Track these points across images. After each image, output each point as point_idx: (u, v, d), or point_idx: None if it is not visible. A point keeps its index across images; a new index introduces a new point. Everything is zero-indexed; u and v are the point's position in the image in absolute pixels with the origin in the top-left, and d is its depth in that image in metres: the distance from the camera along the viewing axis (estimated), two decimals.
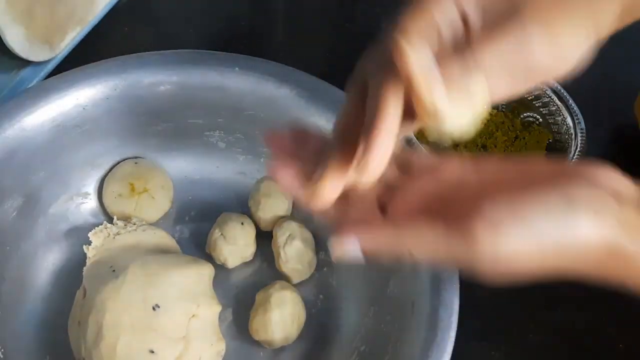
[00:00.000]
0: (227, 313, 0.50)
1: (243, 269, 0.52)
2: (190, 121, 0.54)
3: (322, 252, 0.52)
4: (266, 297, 0.47)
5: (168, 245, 0.50)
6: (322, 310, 0.50)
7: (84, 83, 0.50)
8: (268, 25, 0.70)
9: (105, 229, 0.49)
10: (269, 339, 0.46)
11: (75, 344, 0.45)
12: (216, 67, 0.52)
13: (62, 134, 0.50)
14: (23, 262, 0.50)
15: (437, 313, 0.40)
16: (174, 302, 0.44)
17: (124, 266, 0.45)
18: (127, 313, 0.43)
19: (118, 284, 0.44)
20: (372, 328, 0.46)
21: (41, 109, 0.49)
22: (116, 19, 0.67)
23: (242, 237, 0.50)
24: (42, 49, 0.59)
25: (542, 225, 0.27)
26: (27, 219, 0.50)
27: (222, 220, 0.51)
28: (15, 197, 0.49)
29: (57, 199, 0.52)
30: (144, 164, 0.54)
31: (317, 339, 0.48)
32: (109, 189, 0.53)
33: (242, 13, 0.71)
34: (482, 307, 0.51)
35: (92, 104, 0.50)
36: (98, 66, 0.51)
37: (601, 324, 0.51)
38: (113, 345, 0.42)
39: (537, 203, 0.27)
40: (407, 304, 0.43)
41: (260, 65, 0.51)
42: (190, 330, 0.44)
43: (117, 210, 0.52)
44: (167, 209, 0.54)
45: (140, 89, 0.51)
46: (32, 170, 0.50)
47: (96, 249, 0.48)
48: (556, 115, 0.56)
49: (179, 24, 0.70)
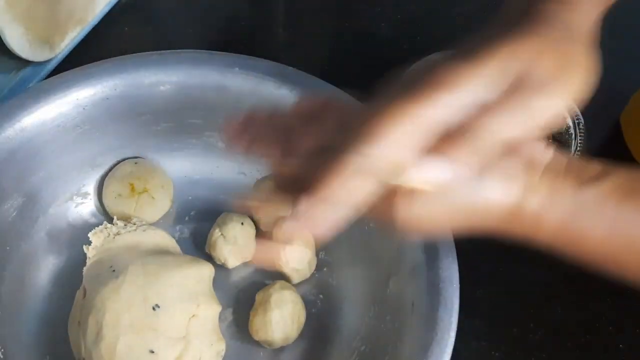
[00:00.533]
0: (227, 313, 0.50)
1: (243, 269, 0.52)
2: (190, 121, 0.53)
3: (322, 252, 0.52)
4: (266, 297, 0.47)
5: (168, 245, 0.50)
6: (322, 310, 0.50)
7: (84, 83, 0.50)
8: (268, 25, 0.70)
9: (105, 229, 0.49)
10: (269, 339, 0.46)
11: (75, 344, 0.45)
12: (216, 67, 0.52)
13: (62, 134, 0.50)
14: (23, 262, 0.50)
15: (437, 313, 0.40)
16: (174, 302, 0.44)
17: (124, 266, 0.45)
18: (127, 313, 0.43)
19: (118, 284, 0.44)
20: (372, 328, 0.46)
21: (41, 109, 0.49)
22: (116, 19, 0.67)
23: (242, 237, 0.50)
24: (42, 49, 0.59)
25: (456, 193, 0.30)
26: (27, 219, 0.50)
27: (222, 220, 0.51)
28: (15, 197, 0.49)
29: (57, 199, 0.52)
30: (144, 164, 0.54)
31: (317, 339, 0.48)
32: (109, 189, 0.53)
33: (242, 13, 0.71)
34: (482, 307, 0.51)
35: (92, 104, 0.50)
36: (98, 66, 0.51)
37: (601, 323, 0.51)
38: (113, 345, 0.42)
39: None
40: (407, 303, 0.43)
41: (260, 65, 0.51)
42: (190, 330, 0.44)
43: (117, 210, 0.52)
44: (167, 209, 0.54)
45: (141, 89, 0.51)
46: (32, 170, 0.50)
47: (96, 249, 0.48)
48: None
49: (179, 24, 0.70)
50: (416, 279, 0.43)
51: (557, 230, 0.32)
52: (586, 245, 0.32)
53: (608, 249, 0.32)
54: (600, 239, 0.31)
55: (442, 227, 0.32)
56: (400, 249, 0.45)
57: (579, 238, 0.32)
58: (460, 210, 0.31)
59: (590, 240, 0.32)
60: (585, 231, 0.31)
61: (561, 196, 0.31)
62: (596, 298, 0.52)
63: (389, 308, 0.45)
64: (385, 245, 0.47)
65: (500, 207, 0.31)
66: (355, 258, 0.50)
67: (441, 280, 0.42)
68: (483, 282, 0.51)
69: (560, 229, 0.32)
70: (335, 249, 0.52)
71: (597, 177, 0.31)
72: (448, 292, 0.41)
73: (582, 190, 0.31)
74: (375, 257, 0.48)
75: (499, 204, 0.31)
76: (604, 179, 0.31)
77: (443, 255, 0.43)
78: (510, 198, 0.31)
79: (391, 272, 0.46)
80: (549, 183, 0.31)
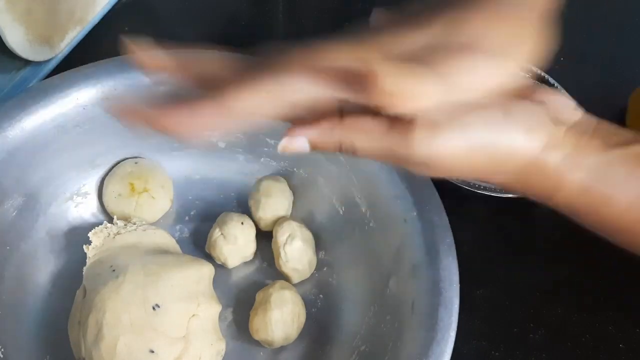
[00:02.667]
0: (227, 313, 0.50)
1: (243, 268, 0.52)
2: None
3: (322, 252, 0.52)
4: (266, 296, 0.47)
5: (168, 245, 0.50)
6: (322, 310, 0.50)
7: (84, 83, 0.50)
8: (268, 25, 0.70)
9: (105, 228, 0.49)
10: (269, 339, 0.46)
11: (75, 344, 0.45)
12: None
13: (62, 134, 0.50)
14: (23, 262, 0.50)
15: (437, 313, 0.40)
16: (174, 301, 0.44)
17: (124, 266, 0.45)
18: (127, 313, 0.43)
19: (118, 284, 0.44)
20: (372, 328, 0.46)
21: (41, 109, 0.49)
22: (116, 18, 0.67)
23: (243, 236, 0.50)
24: (42, 48, 0.59)
25: (478, 131, 0.29)
26: (27, 218, 0.50)
27: (222, 220, 0.51)
28: (15, 197, 0.49)
29: (57, 198, 0.52)
30: (144, 163, 0.54)
31: (317, 339, 0.48)
32: (109, 188, 0.53)
33: (242, 13, 0.71)
34: (482, 307, 0.51)
35: (92, 103, 0.50)
36: (98, 66, 0.51)
37: (602, 324, 0.50)
38: (113, 344, 0.42)
39: (477, 110, 0.29)
40: (407, 303, 0.43)
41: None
42: (191, 330, 0.44)
43: (117, 210, 0.52)
44: (167, 209, 0.54)
45: (141, 89, 0.51)
46: (32, 170, 0.50)
47: (96, 248, 0.48)
48: None
49: (179, 24, 0.70)
50: (416, 278, 0.43)
51: (579, 191, 0.30)
52: (609, 210, 0.30)
53: (632, 216, 0.30)
54: (625, 205, 0.30)
55: (461, 168, 0.30)
56: (400, 249, 0.45)
57: (601, 202, 0.30)
58: (480, 150, 0.29)
59: (614, 205, 0.30)
60: (609, 195, 0.30)
61: (586, 156, 0.30)
62: (596, 298, 0.52)
63: (389, 308, 0.45)
64: (385, 245, 0.47)
65: (521, 153, 0.30)
66: (355, 258, 0.50)
67: (441, 280, 0.42)
68: (483, 282, 0.51)
69: (583, 190, 0.30)
70: (335, 248, 0.52)
71: (626, 141, 0.30)
72: (448, 292, 0.41)
73: (609, 153, 0.30)
74: (375, 257, 0.48)
75: (521, 150, 0.29)
76: (633, 144, 0.30)
77: (443, 255, 0.43)
78: (533, 146, 0.29)
79: (391, 272, 0.46)
80: (575, 140, 0.30)
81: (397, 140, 0.29)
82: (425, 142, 0.29)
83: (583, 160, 0.30)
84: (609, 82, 0.65)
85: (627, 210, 0.30)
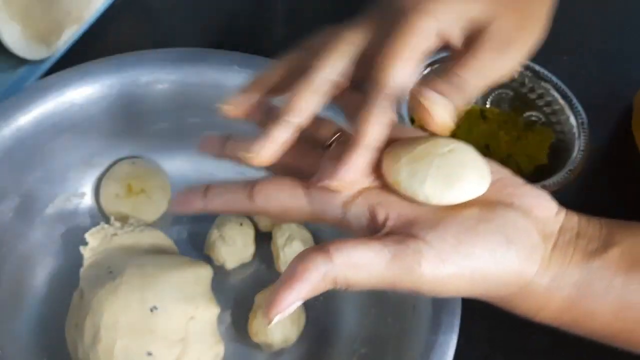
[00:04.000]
0: (226, 315, 0.49)
1: (242, 270, 0.52)
2: (188, 120, 0.53)
3: None
4: (266, 298, 0.47)
5: (166, 247, 0.50)
6: (322, 312, 0.49)
7: (80, 82, 0.50)
8: (267, 23, 0.70)
9: (102, 229, 0.48)
10: (268, 341, 0.46)
11: (73, 346, 0.45)
12: (215, 65, 0.51)
13: (58, 134, 0.50)
14: (20, 263, 0.49)
15: (438, 316, 0.40)
16: (172, 303, 0.44)
17: (121, 267, 0.45)
18: (125, 315, 0.42)
19: (115, 286, 0.43)
20: (372, 330, 0.46)
21: (38, 108, 0.49)
22: (113, 17, 0.67)
23: (241, 238, 0.50)
24: (39, 47, 0.59)
25: (482, 261, 0.29)
26: (23, 219, 0.50)
27: (221, 221, 0.51)
28: (11, 197, 0.49)
29: (54, 199, 0.52)
30: (142, 163, 0.54)
31: (317, 341, 0.48)
32: (106, 189, 0.52)
33: (241, 11, 0.70)
34: (483, 310, 0.50)
35: (89, 103, 0.50)
36: (95, 65, 0.51)
37: None
38: (110, 347, 0.42)
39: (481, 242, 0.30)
40: (408, 306, 0.43)
41: (260, 63, 0.51)
42: (189, 333, 0.44)
43: (114, 210, 0.52)
44: (165, 210, 0.53)
45: (138, 88, 0.51)
46: (28, 170, 0.50)
47: (93, 250, 0.48)
48: (559, 114, 0.56)
49: (177, 22, 0.69)
50: None
51: (564, 309, 0.31)
52: (594, 324, 0.31)
53: (617, 326, 0.31)
54: (610, 316, 0.31)
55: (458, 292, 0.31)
56: None
57: (586, 317, 0.31)
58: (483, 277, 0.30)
59: (598, 319, 0.31)
60: (592, 310, 0.31)
61: (570, 274, 0.30)
62: None
63: (389, 310, 0.45)
64: None
65: (521, 279, 0.30)
66: None
67: None
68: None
69: (567, 307, 0.31)
70: None
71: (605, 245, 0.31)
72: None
73: (590, 265, 0.30)
74: None
75: (521, 277, 0.30)
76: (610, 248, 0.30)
77: None
78: (532, 271, 0.30)
79: None
80: (561, 260, 0.31)
81: (402, 275, 0.29)
82: (432, 275, 0.29)
83: (567, 279, 0.30)
84: (614, 82, 0.65)
85: (611, 321, 0.31)
